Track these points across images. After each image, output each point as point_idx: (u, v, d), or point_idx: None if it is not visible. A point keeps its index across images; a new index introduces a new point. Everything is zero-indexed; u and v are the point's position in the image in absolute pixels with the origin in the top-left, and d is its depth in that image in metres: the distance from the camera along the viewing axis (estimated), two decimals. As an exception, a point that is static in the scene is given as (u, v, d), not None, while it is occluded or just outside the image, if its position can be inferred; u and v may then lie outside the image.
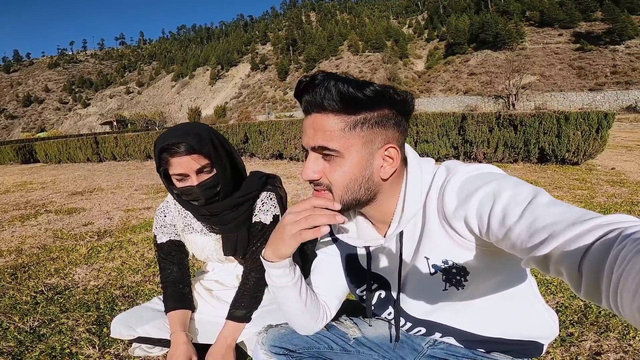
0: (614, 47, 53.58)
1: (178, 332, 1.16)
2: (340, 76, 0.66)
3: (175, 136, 1.03)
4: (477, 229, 0.63)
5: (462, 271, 0.74)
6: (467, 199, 0.63)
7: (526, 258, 0.51)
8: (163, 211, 1.32)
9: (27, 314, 1.64)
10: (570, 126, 5.05)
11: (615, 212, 2.88)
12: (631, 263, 0.36)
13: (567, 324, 1.41)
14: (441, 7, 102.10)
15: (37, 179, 7.17)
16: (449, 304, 0.80)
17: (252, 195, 1.23)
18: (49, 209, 4.02)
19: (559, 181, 4.18)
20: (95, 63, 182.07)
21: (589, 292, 0.42)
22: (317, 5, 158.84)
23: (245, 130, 7.91)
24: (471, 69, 61.77)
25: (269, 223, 1.25)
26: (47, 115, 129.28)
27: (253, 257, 1.24)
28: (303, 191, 4.29)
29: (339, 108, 0.66)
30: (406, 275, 0.82)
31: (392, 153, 0.71)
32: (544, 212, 0.51)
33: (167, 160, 1.05)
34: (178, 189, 1.10)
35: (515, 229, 0.53)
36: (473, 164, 0.71)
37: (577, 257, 0.43)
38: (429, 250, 0.75)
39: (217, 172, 1.10)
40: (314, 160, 0.71)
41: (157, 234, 1.31)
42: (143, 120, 43.29)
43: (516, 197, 0.56)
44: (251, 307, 1.21)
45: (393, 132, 0.70)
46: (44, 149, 11.79)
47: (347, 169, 0.69)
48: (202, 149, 1.04)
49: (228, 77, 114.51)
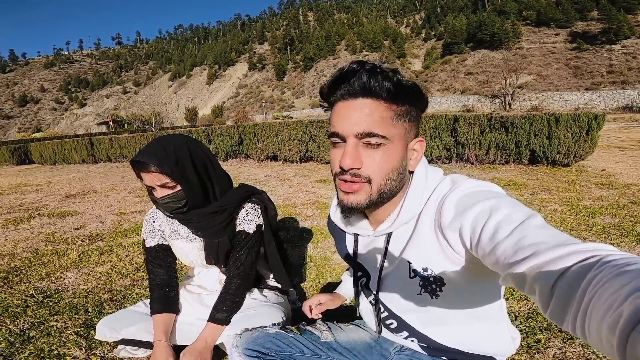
0: (610, 46, 53.82)
1: (159, 342, 1.22)
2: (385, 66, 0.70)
3: (144, 154, 1.12)
4: (468, 242, 0.64)
5: (438, 281, 0.76)
6: (464, 212, 0.65)
7: (505, 274, 0.53)
8: (152, 217, 1.38)
9: (18, 317, 1.68)
10: (560, 128, 5.11)
11: (600, 215, 2.93)
12: (605, 286, 0.37)
13: (536, 330, 1.43)
14: (438, 6, 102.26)
15: (31, 181, 7.18)
16: (421, 308, 0.84)
17: (230, 207, 1.27)
18: (42, 213, 4.04)
19: (548, 183, 4.23)
20: (92, 63, 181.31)
21: (555, 313, 0.43)
22: (315, 5, 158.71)
23: (239, 132, 7.94)
24: (468, 69, 61.96)
25: (252, 232, 1.31)
26: (43, 115, 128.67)
27: (236, 264, 1.29)
28: (295, 193, 4.33)
29: (391, 97, 0.68)
30: (387, 272, 0.85)
31: (418, 146, 0.76)
32: (532, 232, 0.53)
33: (138, 173, 1.15)
34: (150, 198, 1.19)
35: (502, 245, 0.55)
36: (477, 180, 0.74)
37: (553, 278, 0.44)
38: (412, 255, 0.78)
39: (182, 187, 1.16)
40: (355, 148, 0.70)
41: (146, 238, 1.37)
42: (139, 121, 43.17)
43: (510, 215, 0.58)
44: (231, 311, 1.26)
45: (417, 127, 0.76)
46: (39, 150, 11.76)
47: (391, 157, 0.71)
48: (162, 168, 1.11)
49: (225, 77, 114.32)
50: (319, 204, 3.74)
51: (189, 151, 1.18)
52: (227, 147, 8.07)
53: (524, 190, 3.95)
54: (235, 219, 1.31)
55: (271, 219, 1.41)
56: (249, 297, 1.37)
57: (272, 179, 5.55)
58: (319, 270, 2.10)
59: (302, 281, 1.99)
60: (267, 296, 1.41)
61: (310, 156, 7.04)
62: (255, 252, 1.33)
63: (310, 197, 4.09)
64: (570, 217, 2.92)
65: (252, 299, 1.37)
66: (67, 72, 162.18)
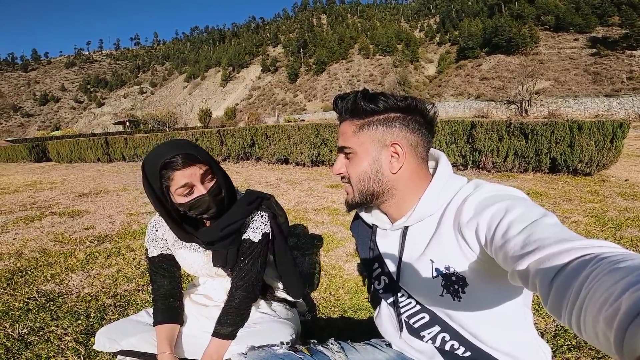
0: (631, 52, 52.60)
1: (164, 354, 1.14)
2: (366, 92, 0.81)
3: (170, 152, 1.02)
4: (483, 239, 0.66)
5: (461, 281, 0.77)
6: (482, 211, 0.68)
7: (511, 270, 0.54)
8: (155, 225, 1.31)
9: (18, 321, 1.64)
10: (583, 136, 4.91)
11: (627, 227, 2.78)
12: (601, 281, 0.37)
13: (564, 348, 1.37)
14: (453, 11, 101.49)
15: (47, 179, 7.29)
16: (443, 307, 0.84)
17: (241, 222, 1.21)
18: (54, 211, 4.06)
19: (570, 193, 4.05)
20: (111, 63, 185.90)
21: (553, 307, 0.44)
22: (328, 8, 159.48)
23: (251, 134, 7.92)
24: (483, 74, 61.25)
25: (257, 241, 1.23)
26: (62, 114, 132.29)
27: (240, 274, 1.21)
28: (306, 198, 4.25)
29: (350, 114, 0.83)
30: (410, 272, 0.86)
31: (397, 149, 0.80)
32: (541, 229, 0.54)
33: (169, 176, 1.03)
34: (185, 204, 1.07)
35: (512, 241, 0.56)
36: (500, 185, 0.77)
37: (553, 272, 0.45)
38: (435, 254, 0.79)
39: (218, 178, 1.10)
40: (340, 159, 0.87)
41: (149, 247, 1.30)
42: (154, 121, 43.87)
43: (525, 214, 0.60)
44: (236, 325, 1.18)
45: (400, 132, 0.80)
46: (57, 148, 12.01)
47: (359, 163, 0.83)
48: (201, 155, 1.05)
49: (239, 79, 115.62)
50: (330, 209, 3.65)
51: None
52: (239, 148, 8.06)
53: (545, 200, 3.79)
54: (242, 229, 1.23)
55: (282, 226, 1.33)
56: (257, 311, 1.28)
57: (283, 183, 5.48)
58: (330, 280, 2.01)
59: (312, 292, 1.90)
60: (276, 310, 1.32)
61: (322, 160, 6.95)
62: (261, 262, 1.25)
63: (322, 202, 4.01)
64: (595, 230, 2.77)
65: (260, 313, 1.28)
66: (87, 72, 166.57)
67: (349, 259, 2.31)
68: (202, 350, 1.18)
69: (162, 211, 1.11)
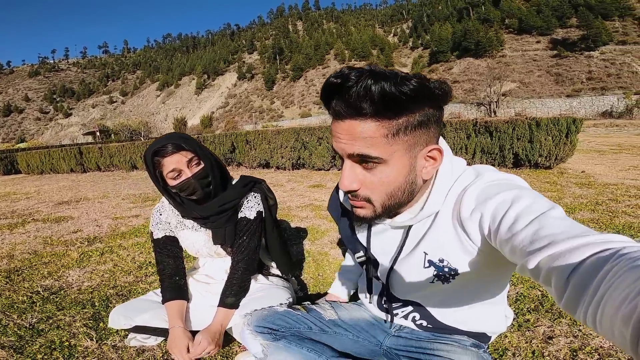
0: (589, 53, 55.60)
1: (176, 327, 1.26)
2: (375, 72, 0.58)
3: (162, 141, 1.20)
4: (487, 231, 0.63)
5: (453, 272, 0.77)
6: (485, 201, 0.64)
7: (522, 262, 0.52)
8: (159, 210, 1.45)
9: (25, 312, 1.72)
10: (541, 132, 5.34)
11: (580, 211, 3.08)
12: (621, 278, 0.37)
13: (525, 311, 1.51)
14: (425, 15, 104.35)
15: (20, 190, 7.10)
16: (429, 292, 0.87)
17: (236, 202, 1.37)
18: (36, 218, 4.04)
19: (532, 184, 4.42)
20: (78, 72, 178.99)
21: (569, 303, 0.43)
22: (304, 15, 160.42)
23: (232, 140, 8.01)
24: (454, 77, 63.20)
25: (252, 218, 1.39)
26: (27, 125, 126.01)
27: (240, 249, 1.37)
28: (289, 198, 4.42)
29: (380, 113, 0.60)
30: (400, 262, 0.85)
31: (434, 154, 0.69)
32: (550, 222, 0.53)
33: (159, 162, 1.21)
34: (175, 186, 1.24)
35: (520, 234, 0.55)
36: (501, 172, 0.72)
37: (569, 269, 0.44)
38: (429, 246, 0.77)
39: (205, 165, 1.26)
40: (351, 169, 0.67)
41: (154, 230, 1.43)
42: (127, 131, 42.62)
43: (531, 206, 0.58)
44: (239, 295, 1.34)
45: (435, 130, 0.67)
46: (26, 160, 11.59)
47: (391, 177, 0.66)
48: (187, 144, 1.21)
49: (214, 87, 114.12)
50: (313, 206, 3.84)
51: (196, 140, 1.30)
52: (220, 154, 8.11)
53: (509, 190, 4.11)
54: (238, 208, 1.40)
55: (271, 208, 1.50)
56: (256, 283, 1.45)
57: (266, 184, 5.61)
58: (317, 264, 2.19)
59: (302, 274, 2.08)
60: (274, 281, 1.49)
61: (303, 163, 7.13)
62: (258, 238, 1.41)
63: (305, 200, 4.19)
64: (551, 214, 3.07)
65: (260, 284, 1.45)
66: (52, 81, 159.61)
67: (334, 246, 2.51)
68: (207, 322, 1.31)
69: (162, 191, 1.29)
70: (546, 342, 1.30)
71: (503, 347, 1.28)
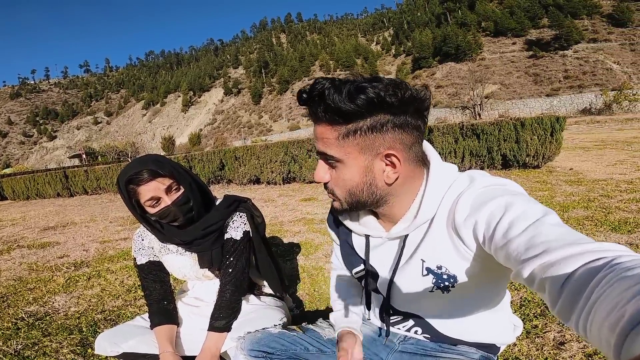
0: (563, 52, 57.19)
1: (166, 352, 1.20)
2: (335, 84, 0.66)
3: (135, 167, 1.12)
4: (481, 237, 0.64)
5: (452, 279, 0.76)
6: (480, 207, 0.65)
7: (517, 269, 0.53)
8: (140, 235, 1.38)
9: (10, 339, 1.65)
10: (527, 132, 5.43)
11: (574, 209, 3.08)
12: (612, 287, 0.37)
13: (531, 316, 1.47)
14: (405, 22, 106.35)
15: (5, 217, 6.90)
16: (430, 302, 0.85)
17: (220, 224, 1.31)
18: (21, 244, 3.92)
19: (522, 185, 4.36)
20: (60, 92, 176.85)
21: (562, 311, 0.43)
22: (287, 27, 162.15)
23: (220, 157, 7.90)
24: (438, 82, 64.34)
25: (239, 238, 1.33)
26: (11, 150, 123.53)
27: (227, 271, 1.31)
28: (281, 212, 4.38)
29: (328, 119, 0.69)
30: (399, 272, 0.84)
31: (392, 159, 0.71)
32: (546, 229, 0.53)
33: (135, 191, 1.13)
34: (155, 214, 1.17)
35: (515, 241, 0.55)
36: (496, 177, 0.73)
37: (564, 277, 0.44)
38: (426, 254, 0.78)
39: (185, 189, 1.19)
40: (322, 165, 0.76)
41: (137, 256, 1.37)
42: (114, 152, 42.12)
43: (526, 212, 0.58)
44: (230, 318, 1.27)
45: (394, 135, 0.69)
46: (11, 186, 11.31)
47: (348, 176, 0.73)
48: (163, 169, 1.13)
49: (201, 103, 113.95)
50: (305, 220, 3.80)
51: (171, 160, 1.24)
52: (209, 172, 8.02)
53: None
54: (224, 229, 1.35)
55: (259, 226, 1.44)
56: (247, 303, 1.40)
57: (257, 202, 5.54)
58: (312, 280, 2.15)
59: (297, 290, 2.04)
60: (266, 301, 1.44)
61: (293, 177, 7.07)
62: (245, 258, 1.36)
63: (297, 214, 4.15)
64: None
65: (251, 305, 1.40)
66: (34, 103, 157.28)
67: (329, 260, 2.47)
68: (200, 346, 1.26)
69: (140, 219, 1.21)
70: (558, 349, 1.26)
71: (513, 357, 1.24)
